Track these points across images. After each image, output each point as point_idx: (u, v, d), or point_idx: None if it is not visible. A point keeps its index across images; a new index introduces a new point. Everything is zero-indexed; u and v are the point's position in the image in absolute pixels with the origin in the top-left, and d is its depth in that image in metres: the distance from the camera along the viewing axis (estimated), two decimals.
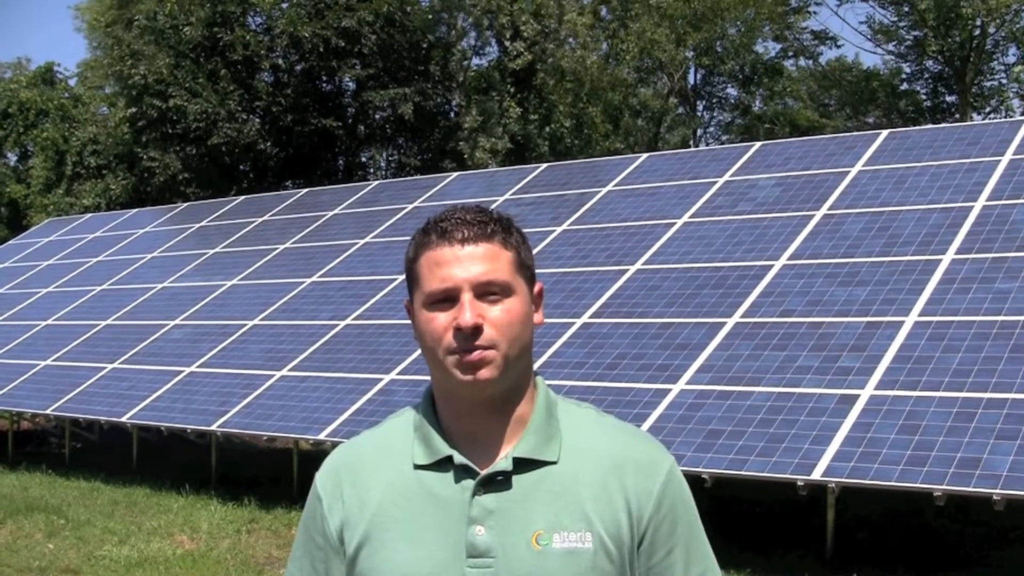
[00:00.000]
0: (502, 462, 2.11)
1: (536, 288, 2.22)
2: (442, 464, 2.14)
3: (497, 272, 2.10)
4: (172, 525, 11.91)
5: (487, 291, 2.09)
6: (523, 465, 2.11)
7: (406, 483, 2.15)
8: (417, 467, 2.15)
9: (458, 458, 2.12)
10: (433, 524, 2.10)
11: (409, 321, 2.21)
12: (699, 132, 44.26)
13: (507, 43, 31.64)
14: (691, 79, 43.10)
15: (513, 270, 2.14)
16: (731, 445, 9.44)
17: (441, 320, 2.09)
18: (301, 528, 2.28)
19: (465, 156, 30.56)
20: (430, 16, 32.59)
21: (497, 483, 2.10)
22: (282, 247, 17.80)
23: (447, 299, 2.09)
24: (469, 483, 2.10)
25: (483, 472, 2.10)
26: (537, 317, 2.21)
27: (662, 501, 2.13)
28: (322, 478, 2.26)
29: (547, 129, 31.78)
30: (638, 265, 12.89)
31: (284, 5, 30.87)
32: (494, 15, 31.31)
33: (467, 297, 2.08)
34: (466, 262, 2.09)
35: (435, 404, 2.21)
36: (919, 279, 10.81)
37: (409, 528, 2.11)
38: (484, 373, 2.06)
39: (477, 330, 2.06)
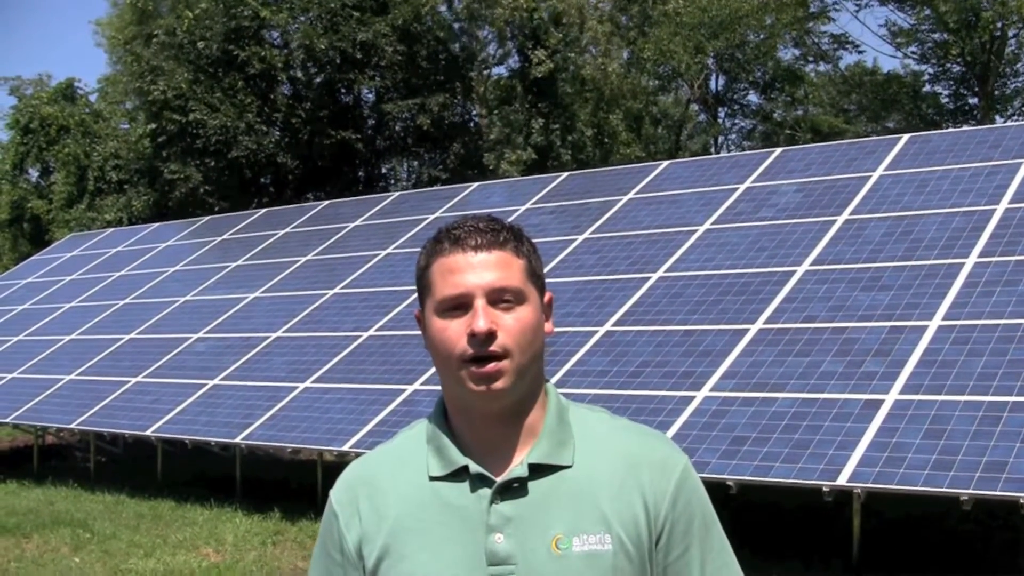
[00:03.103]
0: (517, 468, 2.12)
1: (546, 297, 2.23)
2: (458, 474, 2.14)
3: (510, 279, 2.12)
4: (197, 538, 11.93)
5: (500, 298, 2.10)
6: (538, 470, 2.12)
7: (422, 495, 2.15)
8: (432, 479, 2.16)
9: (473, 467, 2.13)
10: (452, 534, 2.11)
11: None
12: (720, 139, 44.19)
13: (529, 52, 31.65)
14: (712, 86, 43.07)
15: (525, 278, 2.15)
16: (756, 452, 9.41)
17: (454, 328, 2.10)
18: (318, 545, 2.29)
19: (490, 168, 30.59)
20: (449, 25, 32.69)
21: (513, 490, 2.11)
22: (304, 259, 17.83)
23: (460, 306, 2.11)
24: (486, 491, 2.11)
25: (499, 479, 2.11)
26: (547, 326, 2.22)
27: (677, 499, 2.13)
28: (337, 494, 2.27)
29: (569, 138, 31.77)
30: (660, 272, 12.88)
31: (302, 18, 30.98)
32: (516, 24, 31.32)
33: (480, 303, 2.09)
34: (479, 269, 2.11)
35: (447, 414, 2.22)
36: (942, 283, 10.76)
37: (428, 540, 2.11)
38: (498, 384, 2.07)
39: (491, 336, 2.07)
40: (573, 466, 2.13)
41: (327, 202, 21.07)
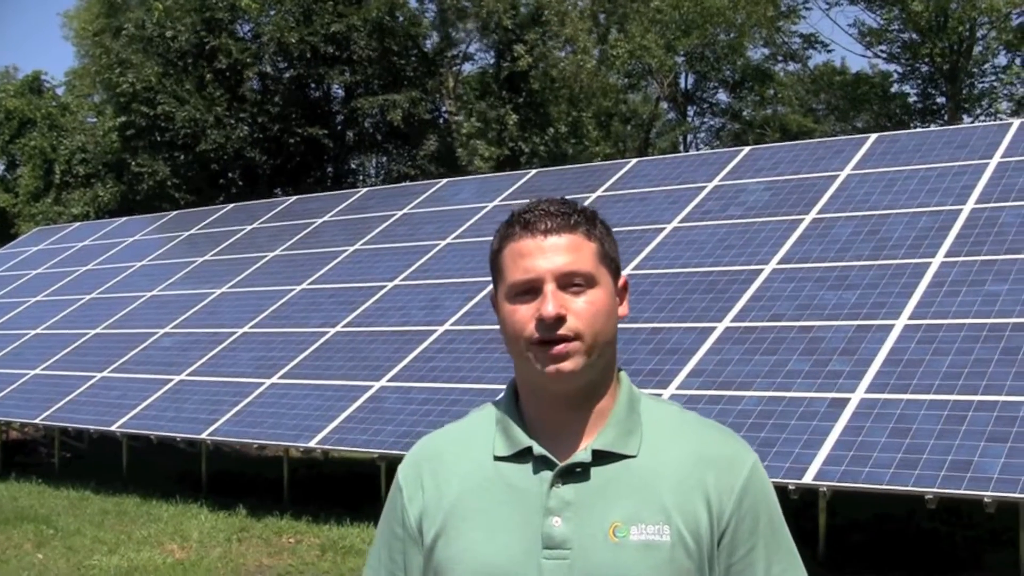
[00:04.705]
0: (581, 454, 2.10)
1: (620, 281, 2.22)
2: (522, 455, 2.13)
3: (580, 263, 2.10)
4: (162, 534, 11.87)
5: (570, 282, 2.09)
6: (602, 457, 2.10)
7: (485, 474, 2.15)
8: (497, 458, 2.15)
9: (537, 449, 2.11)
10: (511, 515, 2.09)
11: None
12: (689, 138, 44.28)
13: (505, 48, 31.67)
14: (682, 84, 43.14)
15: (597, 261, 2.13)
16: None
17: (524, 312, 2.09)
18: (382, 518, 2.29)
19: (463, 163, 30.56)
20: (422, 20, 32.66)
21: (575, 475, 2.09)
22: (272, 254, 17.77)
23: (530, 290, 2.09)
24: (547, 474, 2.10)
25: (561, 463, 2.09)
26: (622, 309, 2.22)
27: (743, 498, 2.10)
28: (404, 469, 2.27)
29: (547, 133, 31.79)
30: (628, 270, 12.88)
31: (272, 12, 30.87)
32: (497, 19, 31.30)
33: (550, 288, 2.07)
34: (549, 253, 2.09)
35: (518, 397, 2.21)
36: (909, 282, 10.81)
37: (486, 519, 2.10)
38: (567, 365, 2.05)
39: (560, 320, 2.05)
40: (638, 456, 2.11)
41: (295, 197, 21.00)
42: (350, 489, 14.29)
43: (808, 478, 8.84)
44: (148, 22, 30.61)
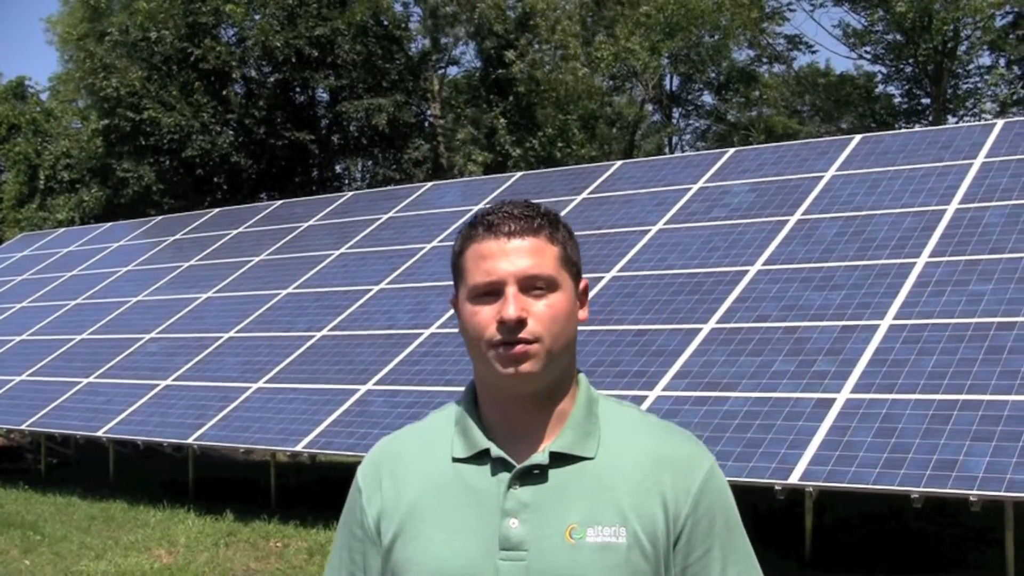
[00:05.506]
0: (538, 455, 2.10)
1: (581, 285, 2.22)
2: (480, 457, 2.14)
3: (542, 266, 2.10)
4: (149, 539, 11.85)
5: (532, 285, 2.09)
6: (560, 460, 2.11)
7: (443, 475, 2.15)
8: (455, 460, 2.16)
9: (495, 451, 2.12)
10: (468, 516, 2.10)
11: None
12: (674, 140, 44.32)
13: (493, 52, 31.69)
14: (667, 86, 43.18)
15: (559, 265, 2.14)
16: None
17: (485, 313, 2.09)
18: (342, 519, 2.29)
19: (456, 169, 30.59)
20: (408, 24, 32.68)
21: (533, 476, 2.10)
22: (257, 259, 17.75)
23: (492, 292, 2.10)
24: (505, 476, 2.10)
25: (519, 465, 2.10)
26: (582, 313, 2.21)
27: (700, 500, 2.11)
28: (363, 470, 2.27)
29: (538, 136, 31.80)
30: (613, 272, 12.90)
31: (256, 17, 30.83)
32: (488, 24, 31.34)
33: (511, 290, 2.08)
34: (512, 255, 2.10)
35: (477, 398, 2.21)
36: (893, 282, 10.84)
37: (444, 520, 2.11)
38: (526, 367, 2.06)
39: (521, 323, 2.06)
40: (596, 458, 2.12)
41: (280, 202, 20.98)
42: (337, 493, 14.27)
43: (794, 478, 8.86)
44: (132, 27, 30.55)
